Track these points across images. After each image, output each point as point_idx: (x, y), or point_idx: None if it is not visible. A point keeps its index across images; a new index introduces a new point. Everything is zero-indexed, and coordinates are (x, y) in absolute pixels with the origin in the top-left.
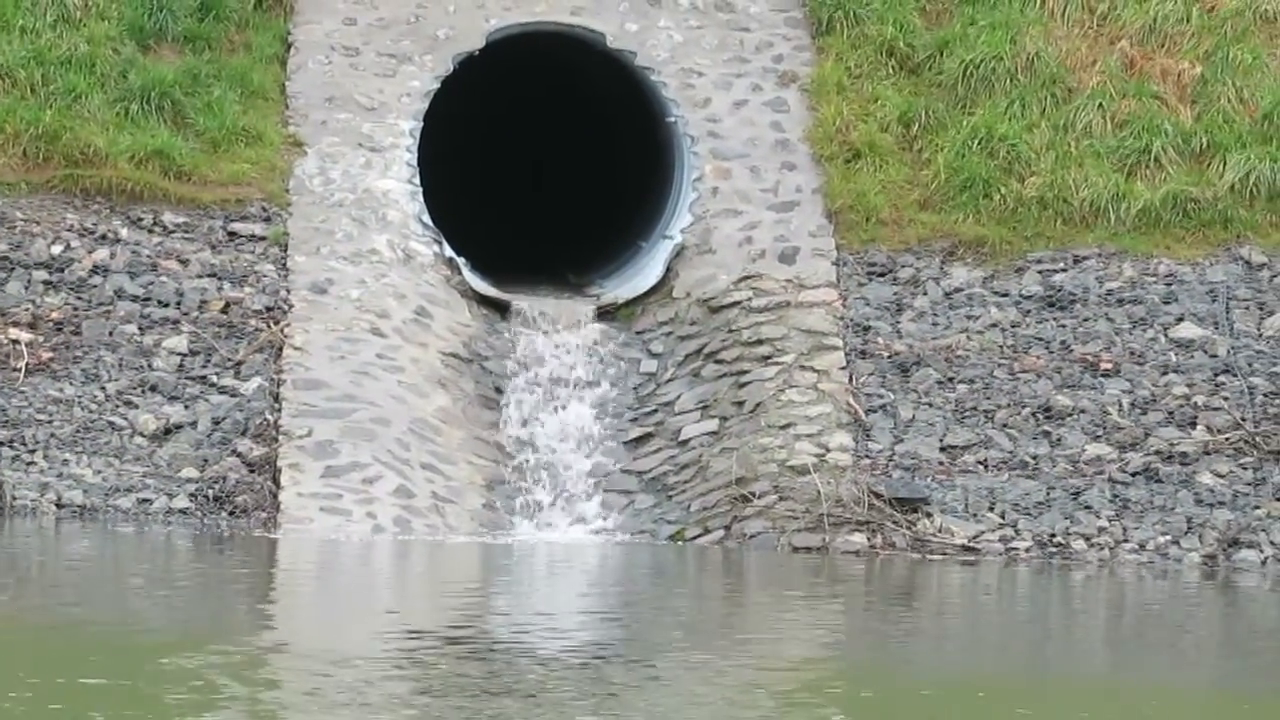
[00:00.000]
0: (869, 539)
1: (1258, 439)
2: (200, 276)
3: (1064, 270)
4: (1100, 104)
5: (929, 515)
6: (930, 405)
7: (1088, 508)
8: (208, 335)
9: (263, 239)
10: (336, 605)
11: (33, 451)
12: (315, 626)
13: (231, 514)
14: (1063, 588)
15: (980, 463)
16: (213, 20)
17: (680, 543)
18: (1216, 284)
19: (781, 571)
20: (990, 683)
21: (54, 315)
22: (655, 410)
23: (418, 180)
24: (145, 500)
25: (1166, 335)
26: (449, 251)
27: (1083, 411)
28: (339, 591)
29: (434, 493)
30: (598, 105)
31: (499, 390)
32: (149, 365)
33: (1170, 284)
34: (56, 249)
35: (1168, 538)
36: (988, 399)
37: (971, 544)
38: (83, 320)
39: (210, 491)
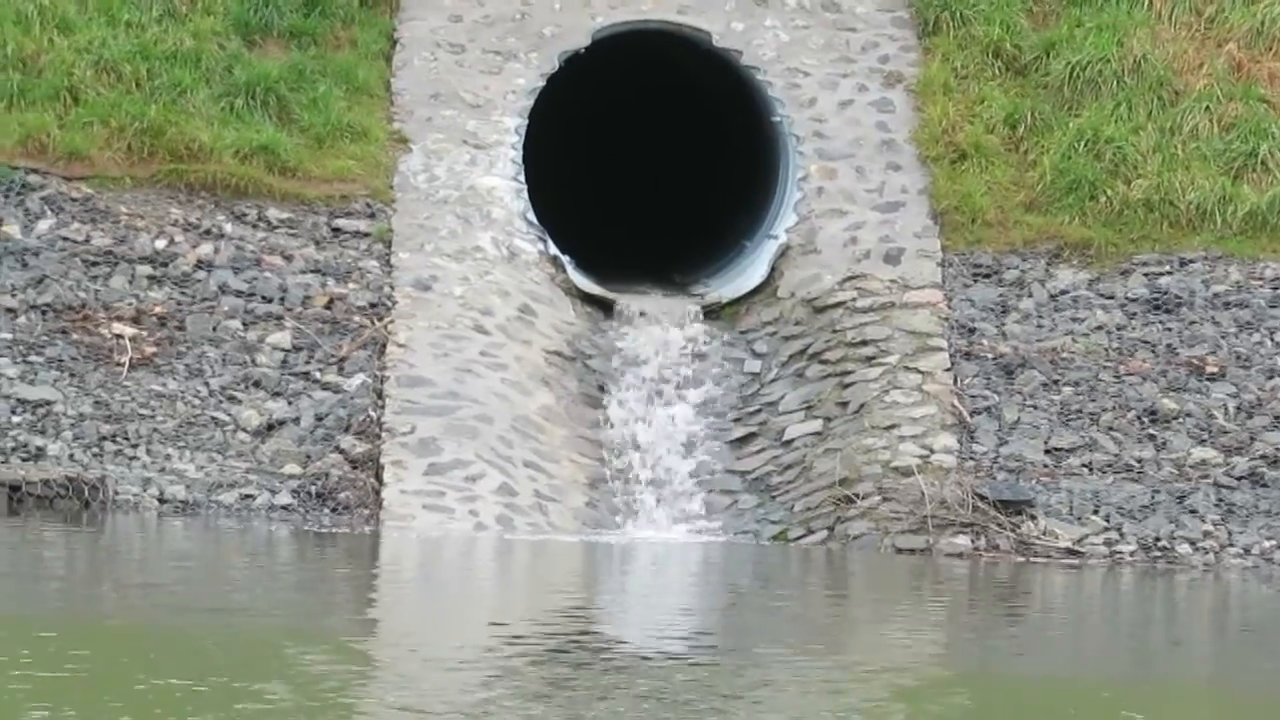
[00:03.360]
0: (973, 541)
1: None
2: (304, 272)
3: (1170, 273)
4: (1207, 106)
5: (1033, 518)
6: (1035, 407)
7: (1193, 512)
8: (311, 331)
9: (367, 235)
10: (454, 605)
11: (135, 446)
12: (436, 626)
13: (334, 511)
14: (1176, 592)
15: (1085, 465)
16: (318, 16)
17: (783, 543)
18: None
19: (887, 573)
20: (1109, 687)
21: (158, 310)
22: (759, 410)
23: (522, 177)
24: (248, 496)
25: (1273, 339)
26: (553, 249)
27: (1188, 415)
28: (456, 591)
29: (537, 491)
30: (703, 104)
31: (602, 389)
32: (252, 361)
33: (1277, 288)
34: (161, 244)
35: (1273, 542)
36: (1093, 402)
37: (1076, 547)
38: (186, 315)
39: (313, 488)
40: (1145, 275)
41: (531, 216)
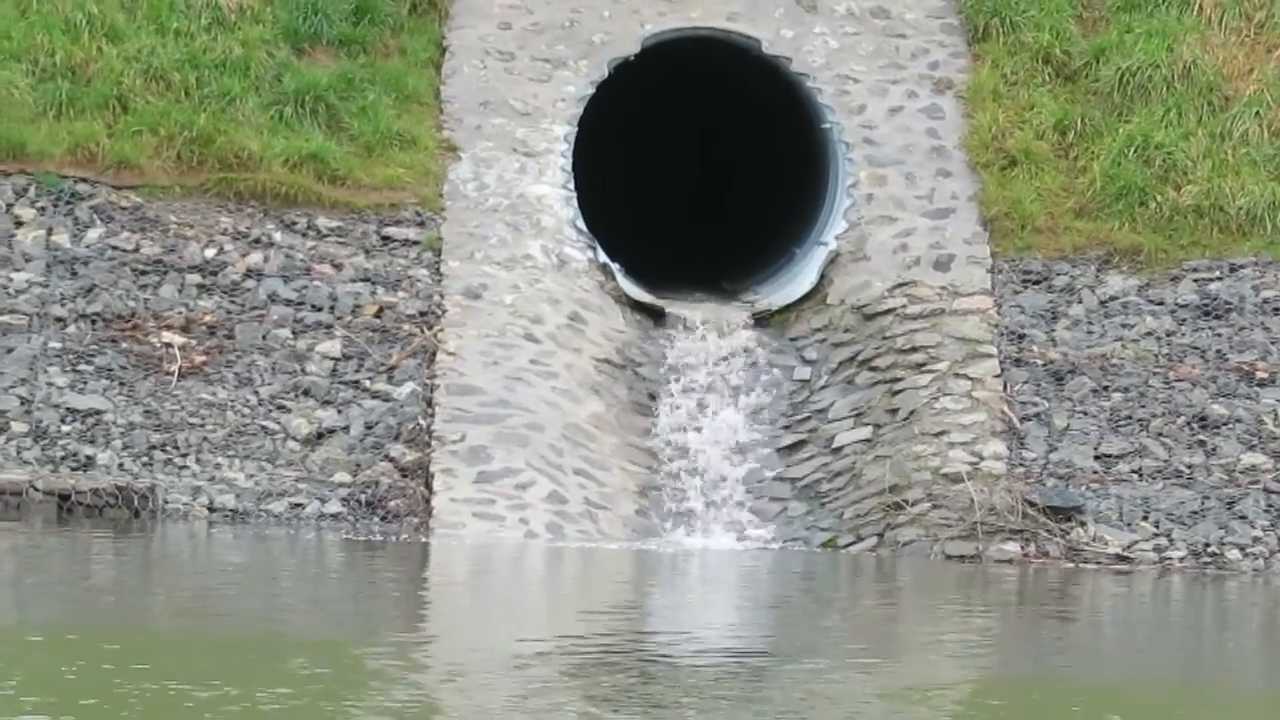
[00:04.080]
0: (1022, 548)
1: None
2: (354, 281)
3: (1220, 279)
4: (1257, 112)
5: (1083, 524)
6: (1085, 414)
7: (1242, 517)
8: (361, 340)
9: (416, 243)
10: (512, 614)
11: (185, 455)
12: (496, 633)
13: (383, 519)
14: (1227, 598)
15: (1135, 472)
16: (367, 24)
17: (833, 550)
18: None
19: (938, 580)
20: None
21: (207, 319)
22: (809, 417)
23: (572, 185)
24: (297, 505)
25: None
26: (603, 257)
27: (1238, 421)
28: (513, 599)
29: (587, 499)
30: (752, 111)
31: (652, 396)
32: (302, 369)
33: None
34: (210, 252)
35: None
36: (1142, 408)
37: (1125, 553)
38: (236, 324)
39: (362, 496)
40: (1195, 281)
41: (581, 224)
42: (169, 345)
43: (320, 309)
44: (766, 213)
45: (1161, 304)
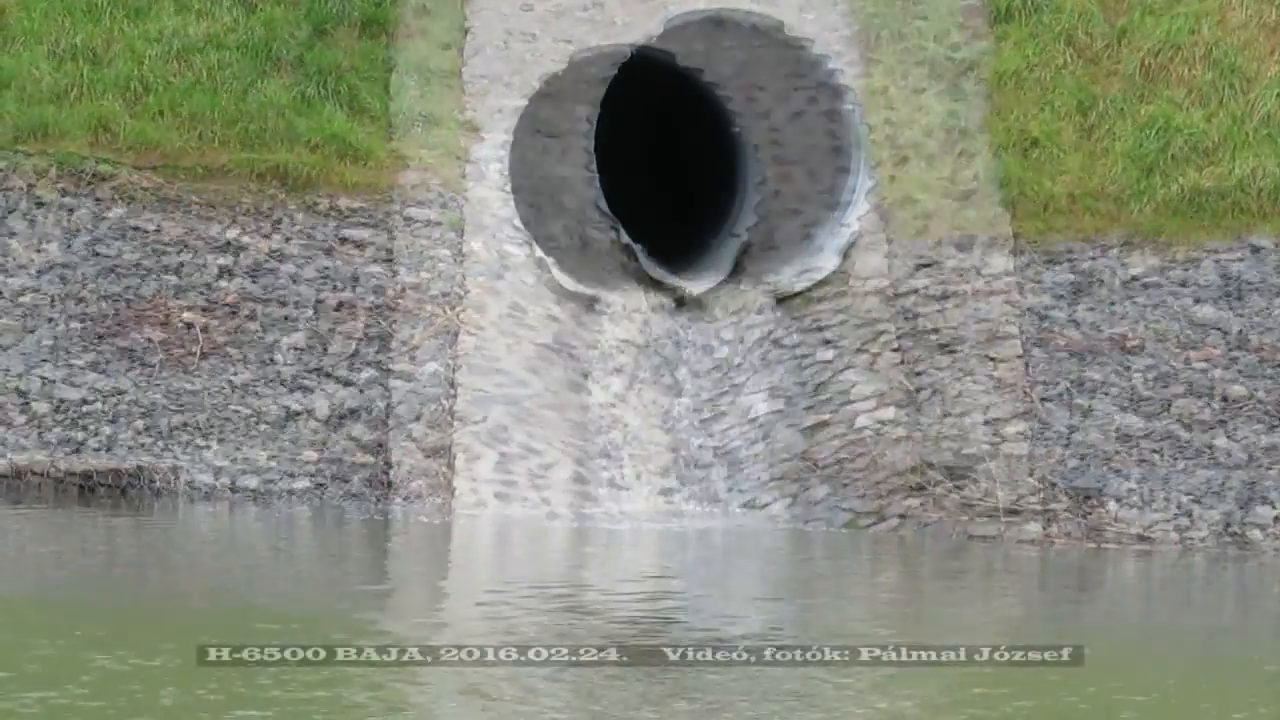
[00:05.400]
0: (1044, 528)
1: None
2: (376, 261)
3: (1241, 260)
4: (1278, 93)
5: (1104, 504)
6: (1106, 394)
7: (1263, 497)
8: (383, 320)
9: (439, 224)
10: (545, 594)
11: (206, 436)
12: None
13: (405, 499)
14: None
15: (1155, 452)
16: (389, 4)
17: (855, 530)
18: None
19: (964, 561)
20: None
21: (229, 300)
22: (831, 398)
23: (594, 166)
24: (319, 485)
25: None
26: (625, 238)
27: (1259, 401)
28: (542, 579)
29: (608, 478)
30: (774, 92)
31: (675, 376)
32: (324, 350)
33: None
34: (232, 233)
35: None
36: (1164, 388)
37: (1147, 533)
38: (258, 305)
39: (384, 476)
40: (1216, 262)
41: (603, 205)
42: (190, 326)
43: (342, 289)
44: (788, 193)
45: (1183, 285)
